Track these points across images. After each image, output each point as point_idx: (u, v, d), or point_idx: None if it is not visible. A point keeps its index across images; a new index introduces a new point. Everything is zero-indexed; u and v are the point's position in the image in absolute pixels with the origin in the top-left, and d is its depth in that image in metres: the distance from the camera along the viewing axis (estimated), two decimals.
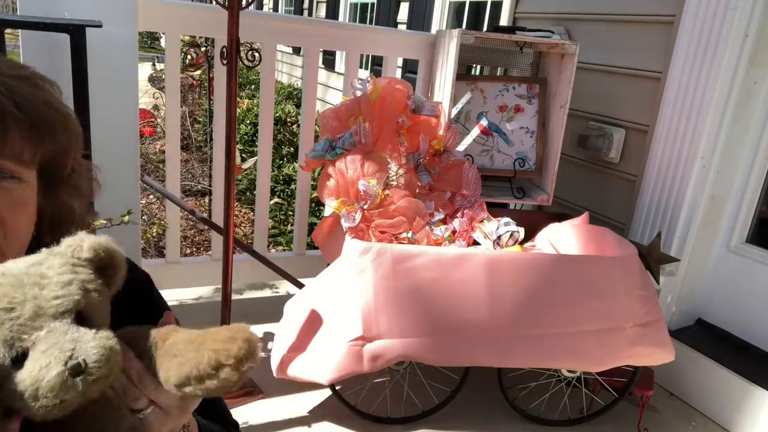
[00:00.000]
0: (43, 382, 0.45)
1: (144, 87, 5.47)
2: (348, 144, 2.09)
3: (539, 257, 2.00)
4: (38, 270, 0.50)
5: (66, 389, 0.45)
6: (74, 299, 0.50)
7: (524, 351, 1.84)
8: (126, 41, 1.94)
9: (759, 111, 2.31)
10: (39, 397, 0.45)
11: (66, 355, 0.46)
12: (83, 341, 0.47)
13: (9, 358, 0.46)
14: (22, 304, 0.47)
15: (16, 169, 0.65)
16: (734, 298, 2.43)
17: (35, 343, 0.47)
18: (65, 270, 0.51)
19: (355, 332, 1.72)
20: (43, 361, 0.46)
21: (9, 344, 0.46)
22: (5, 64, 0.68)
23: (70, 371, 0.45)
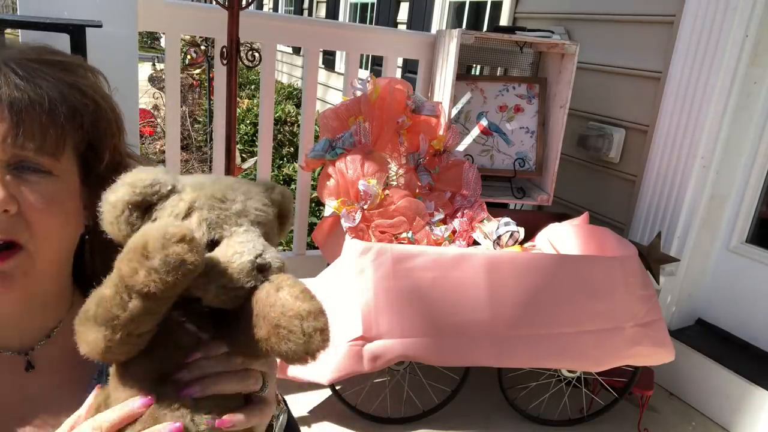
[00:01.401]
0: (235, 263, 0.51)
1: (144, 87, 5.47)
2: (348, 144, 2.09)
3: (539, 257, 2.00)
4: (246, 186, 0.58)
5: (249, 276, 0.52)
6: (269, 217, 0.58)
7: (524, 351, 1.84)
8: (126, 41, 1.94)
9: (759, 111, 2.31)
10: (225, 275, 0.51)
11: (258, 251, 0.53)
12: (270, 249, 0.54)
13: (207, 238, 0.53)
14: (233, 201, 0.55)
15: (40, 161, 0.59)
16: (734, 298, 2.43)
17: (232, 235, 0.53)
18: (263, 197, 0.59)
19: (355, 332, 1.72)
20: (237, 248, 0.52)
21: (211, 227, 0.53)
22: (35, 49, 0.63)
23: (258, 266, 0.52)
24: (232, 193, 0.55)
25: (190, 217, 0.53)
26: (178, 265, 0.47)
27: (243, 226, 0.54)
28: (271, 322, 0.51)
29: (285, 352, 0.51)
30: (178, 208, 0.53)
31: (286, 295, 0.52)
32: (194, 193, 0.54)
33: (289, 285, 0.54)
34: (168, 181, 0.54)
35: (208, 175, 0.59)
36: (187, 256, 0.47)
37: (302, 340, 0.51)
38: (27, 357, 0.67)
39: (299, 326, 0.51)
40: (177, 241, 0.47)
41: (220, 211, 0.54)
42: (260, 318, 0.52)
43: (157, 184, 0.53)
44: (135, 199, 0.53)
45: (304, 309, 0.52)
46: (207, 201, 0.54)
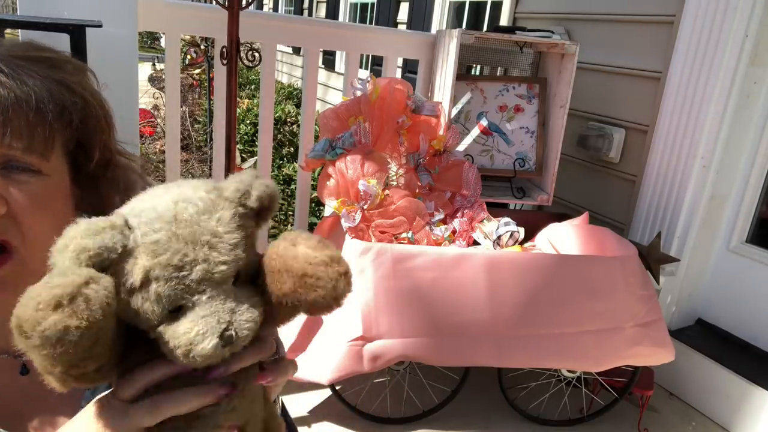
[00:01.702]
0: (197, 347, 0.48)
1: (144, 87, 5.47)
2: (348, 144, 2.09)
3: (539, 257, 2.00)
4: (209, 224, 0.50)
5: (216, 357, 0.48)
6: (238, 264, 0.51)
7: (524, 351, 1.84)
8: (126, 41, 1.94)
9: (759, 111, 2.31)
10: (189, 356, 0.48)
11: (222, 327, 0.48)
12: (239, 313, 0.50)
13: (168, 309, 0.49)
14: (191, 265, 0.48)
15: (28, 160, 0.57)
16: (734, 298, 2.43)
17: (195, 304, 0.49)
18: (233, 227, 0.51)
19: (355, 332, 1.72)
20: (200, 326, 0.48)
21: (171, 299, 0.48)
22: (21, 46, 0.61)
23: (223, 343, 0.48)
24: (192, 251, 0.48)
25: (147, 286, 0.48)
26: (61, 337, 0.42)
27: (206, 293, 0.49)
28: (296, 273, 0.51)
29: (314, 300, 0.51)
30: (133, 275, 0.48)
31: (304, 248, 0.52)
32: (149, 261, 0.48)
33: (304, 238, 0.53)
34: (117, 244, 0.48)
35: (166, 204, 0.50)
36: (70, 321, 0.42)
37: (331, 285, 0.51)
38: (22, 360, 0.67)
39: (326, 272, 0.51)
40: (52, 309, 0.42)
41: (177, 281, 0.48)
42: (283, 273, 0.51)
43: (104, 251, 0.47)
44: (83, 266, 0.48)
45: (327, 255, 0.52)
46: (163, 272, 0.48)
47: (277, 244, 0.53)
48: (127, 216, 0.50)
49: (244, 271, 0.53)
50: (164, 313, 0.49)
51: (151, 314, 0.49)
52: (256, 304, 0.52)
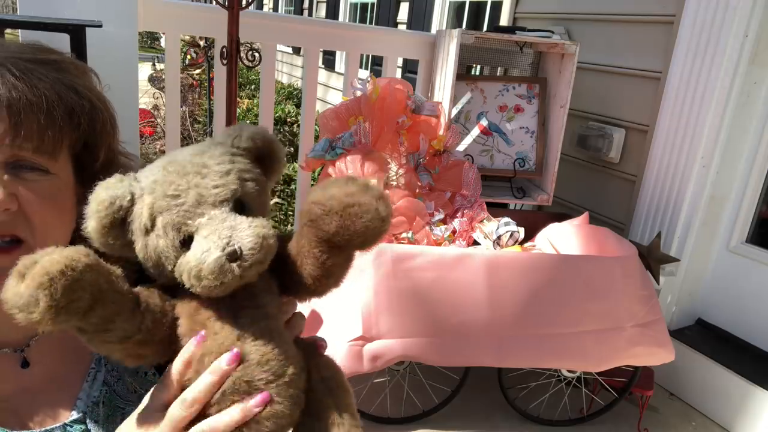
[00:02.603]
0: (204, 265, 0.50)
1: (144, 87, 5.47)
2: (348, 144, 2.09)
3: (539, 257, 2.00)
4: (200, 159, 0.55)
5: (224, 273, 0.50)
6: (231, 188, 0.54)
7: (524, 351, 1.84)
8: (126, 41, 1.94)
9: (759, 111, 2.31)
10: (202, 278, 0.50)
11: (223, 242, 0.50)
12: (239, 229, 0.51)
13: (178, 240, 0.52)
14: (185, 192, 0.53)
15: (38, 160, 0.60)
16: (734, 298, 2.43)
17: (198, 228, 0.52)
18: (224, 159, 0.55)
19: (355, 332, 1.72)
20: (204, 245, 0.51)
21: (177, 228, 0.52)
22: (29, 48, 0.63)
23: (227, 257, 0.50)
24: (185, 180, 0.53)
25: (155, 224, 0.53)
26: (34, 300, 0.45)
27: (205, 214, 0.52)
28: (338, 209, 0.53)
29: (363, 226, 0.54)
30: (143, 217, 0.53)
31: (336, 188, 0.55)
32: (150, 198, 0.53)
33: (332, 182, 0.56)
34: (125, 192, 0.54)
35: (165, 158, 0.57)
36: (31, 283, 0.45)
37: (374, 207, 0.54)
38: (23, 354, 0.68)
39: (365, 198, 0.54)
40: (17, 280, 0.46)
41: (177, 208, 0.52)
42: (325, 216, 0.54)
43: (115, 200, 0.53)
44: (104, 223, 0.53)
45: (360, 185, 0.55)
46: (163, 203, 0.53)
47: (309, 197, 0.57)
48: (135, 174, 0.56)
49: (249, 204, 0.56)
50: (176, 244, 0.52)
51: (167, 251, 0.53)
52: (264, 224, 0.53)
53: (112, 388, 0.72)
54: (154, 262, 0.54)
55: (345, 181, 0.56)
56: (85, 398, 0.70)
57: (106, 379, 0.72)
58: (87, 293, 0.47)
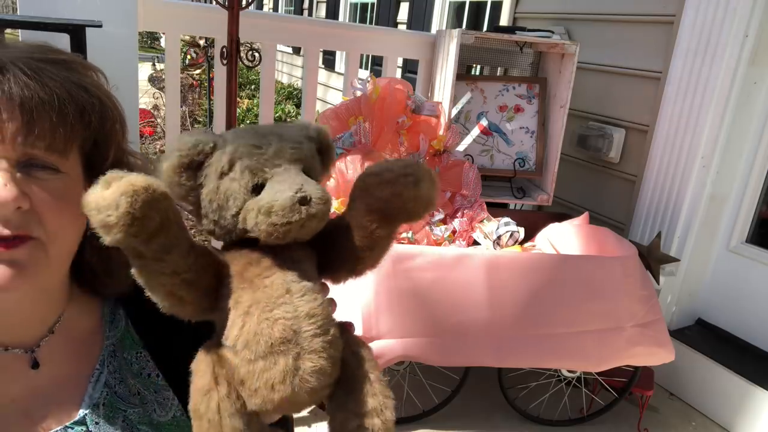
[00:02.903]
0: (277, 202, 0.55)
1: (144, 87, 5.46)
2: (348, 144, 2.09)
3: (539, 257, 2.00)
4: (279, 129, 0.62)
5: (293, 210, 0.54)
6: (305, 153, 0.60)
7: (524, 351, 1.84)
8: (126, 41, 1.94)
9: (759, 111, 2.31)
10: (272, 213, 0.55)
11: (297, 186, 0.55)
12: (309, 183, 0.57)
13: (252, 183, 0.57)
14: (267, 146, 0.58)
15: (49, 159, 0.60)
16: (734, 298, 2.43)
17: (273, 176, 0.57)
18: (299, 135, 0.62)
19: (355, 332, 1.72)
20: (278, 187, 0.56)
21: (253, 173, 0.57)
22: (39, 48, 0.64)
23: (299, 199, 0.55)
24: (267, 138, 0.59)
25: (233, 168, 0.57)
26: (115, 204, 0.48)
27: (282, 165, 0.58)
28: (393, 178, 0.59)
29: (419, 193, 0.59)
30: (221, 162, 0.58)
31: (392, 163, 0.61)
32: (233, 146, 0.58)
33: (387, 160, 0.63)
34: (209, 139, 0.59)
35: (247, 126, 0.64)
36: (115, 191, 0.49)
37: (428, 176, 0.59)
38: (33, 354, 0.68)
39: (419, 171, 0.59)
40: (104, 188, 0.49)
41: (258, 156, 0.57)
42: (379, 185, 0.60)
43: (199, 143, 0.58)
44: (183, 162, 0.58)
45: (412, 161, 0.61)
46: (245, 150, 0.58)
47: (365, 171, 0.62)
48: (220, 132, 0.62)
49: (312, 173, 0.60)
50: (249, 188, 0.57)
51: (238, 192, 0.57)
52: (324, 190, 0.58)
53: (113, 390, 0.72)
54: (219, 204, 0.58)
55: (395, 160, 0.62)
56: (88, 399, 0.70)
57: (107, 381, 0.72)
58: (159, 216, 0.51)
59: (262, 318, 0.56)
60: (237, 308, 0.57)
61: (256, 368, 0.55)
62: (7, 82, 0.57)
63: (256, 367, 0.55)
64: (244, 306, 0.57)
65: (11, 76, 0.58)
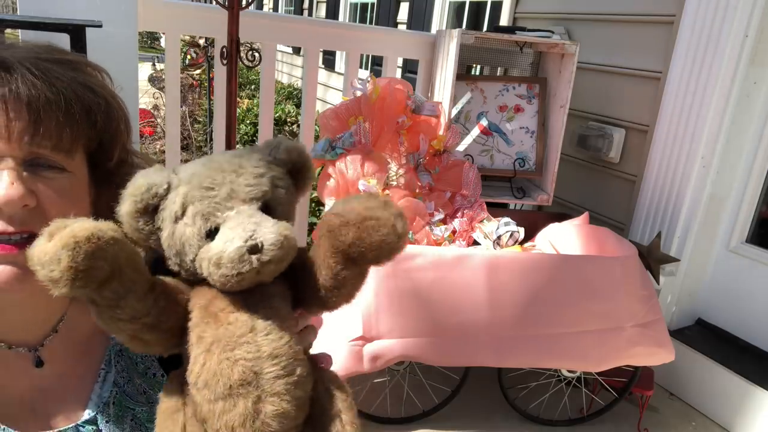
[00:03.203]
0: (225, 253, 0.52)
1: (144, 87, 5.47)
2: (348, 144, 2.09)
3: (539, 257, 2.00)
4: (238, 160, 0.58)
5: (242, 263, 0.52)
6: (263, 189, 0.57)
7: (524, 351, 1.84)
8: (126, 41, 1.94)
9: (759, 111, 2.31)
10: (221, 265, 0.52)
11: (247, 234, 0.52)
12: (264, 226, 0.53)
13: (204, 229, 0.55)
14: (220, 186, 0.55)
15: (55, 158, 0.61)
16: (734, 299, 2.43)
17: (225, 220, 0.54)
18: (260, 164, 0.58)
19: (356, 332, 1.72)
20: (228, 235, 0.53)
21: (205, 218, 0.55)
22: (45, 48, 0.64)
23: (248, 249, 0.52)
24: (221, 176, 0.56)
25: (186, 212, 0.55)
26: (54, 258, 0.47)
27: (234, 208, 0.55)
28: (357, 221, 0.56)
29: (380, 240, 0.56)
30: (175, 205, 0.56)
31: (357, 201, 0.58)
32: (185, 188, 0.56)
33: (354, 196, 0.59)
34: (162, 181, 0.56)
35: (205, 158, 0.60)
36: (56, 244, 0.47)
37: (390, 223, 0.56)
38: (37, 353, 0.69)
39: (383, 213, 0.56)
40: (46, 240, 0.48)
41: (209, 199, 0.55)
42: (343, 226, 0.56)
43: (152, 187, 0.56)
44: (138, 207, 0.56)
45: (381, 201, 0.58)
46: (197, 193, 0.55)
47: (330, 209, 0.59)
48: (175, 167, 0.59)
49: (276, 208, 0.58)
50: (202, 234, 0.55)
51: (191, 239, 0.55)
52: (287, 227, 0.55)
53: (122, 389, 0.73)
54: (177, 250, 0.56)
55: (366, 196, 0.59)
56: (96, 399, 0.71)
57: (116, 380, 0.73)
58: (107, 264, 0.49)
59: (223, 357, 0.53)
60: (200, 344, 0.55)
61: (216, 409, 0.53)
62: (14, 81, 0.58)
63: (216, 407, 0.53)
64: (206, 343, 0.55)
65: (18, 75, 0.59)
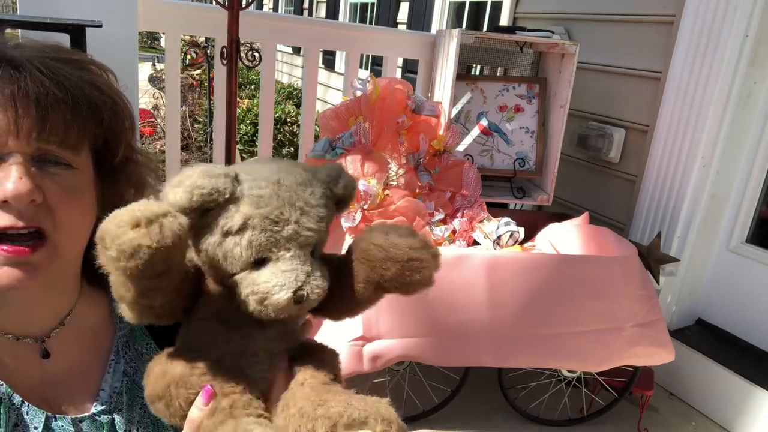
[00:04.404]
0: (273, 297, 0.53)
1: (144, 87, 5.47)
2: (348, 144, 2.09)
3: (539, 257, 2.00)
4: (305, 194, 0.57)
5: (285, 310, 0.54)
6: (319, 236, 0.57)
7: (524, 351, 1.84)
8: (126, 41, 1.94)
9: (759, 111, 2.31)
10: (264, 305, 0.54)
11: (298, 284, 0.54)
12: (313, 277, 0.55)
13: (254, 257, 0.54)
14: (285, 222, 0.55)
15: (62, 154, 0.62)
16: (734, 298, 2.43)
17: (278, 259, 0.54)
18: (322, 203, 0.58)
19: (355, 332, 1.72)
20: (280, 279, 0.54)
21: (260, 248, 0.54)
22: (52, 47, 0.65)
23: (296, 299, 0.54)
24: (288, 212, 0.54)
25: (243, 232, 0.54)
26: (133, 252, 0.47)
27: (291, 250, 0.55)
28: (402, 258, 0.57)
29: (419, 280, 0.58)
30: (233, 221, 0.54)
31: (399, 237, 0.58)
32: (250, 209, 0.54)
33: (393, 228, 0.60)
34: (227, 189, 0.54)
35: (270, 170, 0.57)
36: (143, 240, 0.47)
37: (433, 265, 0.59)
38: (43, 344, 0.70)
39: (427, 256, 0.58)
40: (131, 227, 0.47)
41: (271, 233, 0.54)
42: (387, 260, 0.58)
43: (215, 192, 0.53)
44: (191, 206, 0.53)
45: (422, 241, 0.59)
46: (260, 222, 0.54)
47: (370, 237, 0.60)
48: (238, 171, 0.56)
49: (318, 248, 0.58)
50: (250, 260, 0.54)
51: (237, 259, 0.54)
52: (326, 275, 0.57)
53: (131, 378, 0.74)
54: (215, 260, 0.56)
55: (407, 231, 0.60)
56: (108, 389, 0.72)
57: (125, 370, 0.74)
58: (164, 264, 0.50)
59: None
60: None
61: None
62: (23, 79, 0.59)
63: None
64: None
65: (27, 74, 0.60)
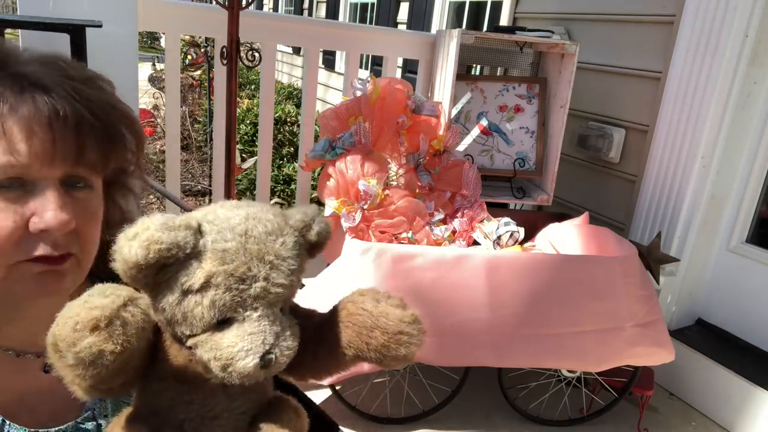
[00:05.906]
0: (238, 363, 0.48)
1: (144, 87, 5.47)
2: (348, 144, 2.09)
3: (539, 257, 2.00)
4: (275, 246, 0.52)
5: (251, 377, 0.49)
6: (292, 291, 0.53)
7: (524, 351, 1.84)
8: (126, 41, 1.94)
9: (759, 111, 2.31)
10: (227, 371, 0.49)
11: (266, 348, 0.49)
12: (282, 338, 0.51)
13: (217, 318, 0.49)
14: (253, 279, 0.49)
15: (89, 179, 0.63)
16: (734, 298, 2.43)
17: (245, 319, 0.49)
18: (294, 254, 0.53)
19: None
20: (246, 343, 0.48)
21: (224, 309, 0.49)
22: (71, 66, 0.65)
23: (263, 364, 0.49)
24: (256, 267, 0.50)
25: (205, 291, 0.49)
26: (95, 360, 0.43)
27: (258, 310, 0.50)
28: (392, 330, 0.55)
29: (404, 354, 0.55)
30: (194, 278, 0.48)
31: (390, 306, 0.56)
32: (214, 266, 0.49)
33: (384, 296, 0.58)
34: (188, 244, 0.48)
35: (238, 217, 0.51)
36: (106, 346, 0.43)
37: (418, 341, 0.56)
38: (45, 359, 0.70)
39: (415, 331, 0.56)
40: (89, 330, 0.43)
41: (237, 292, 0.49)
42: (375, 329, 0.55)
43: (174, 248, 0.48)
44: (147, 263, 0.47)
45: (413, 315, 0.57)
46: (225, 280, 0.49)
47: (360, 301, 0.57)
48: (201, 221, 0.51)
49: (288, 302, 0.55)
50: (212, 321, 0.49)
51: (199, 320, 0.49)
52: (296, 333, 0.53)
53: None
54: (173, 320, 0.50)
55: (399, 302, 0.58)
56: None
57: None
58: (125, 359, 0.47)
59: None
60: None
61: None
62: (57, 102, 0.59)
63: None
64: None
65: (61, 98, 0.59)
